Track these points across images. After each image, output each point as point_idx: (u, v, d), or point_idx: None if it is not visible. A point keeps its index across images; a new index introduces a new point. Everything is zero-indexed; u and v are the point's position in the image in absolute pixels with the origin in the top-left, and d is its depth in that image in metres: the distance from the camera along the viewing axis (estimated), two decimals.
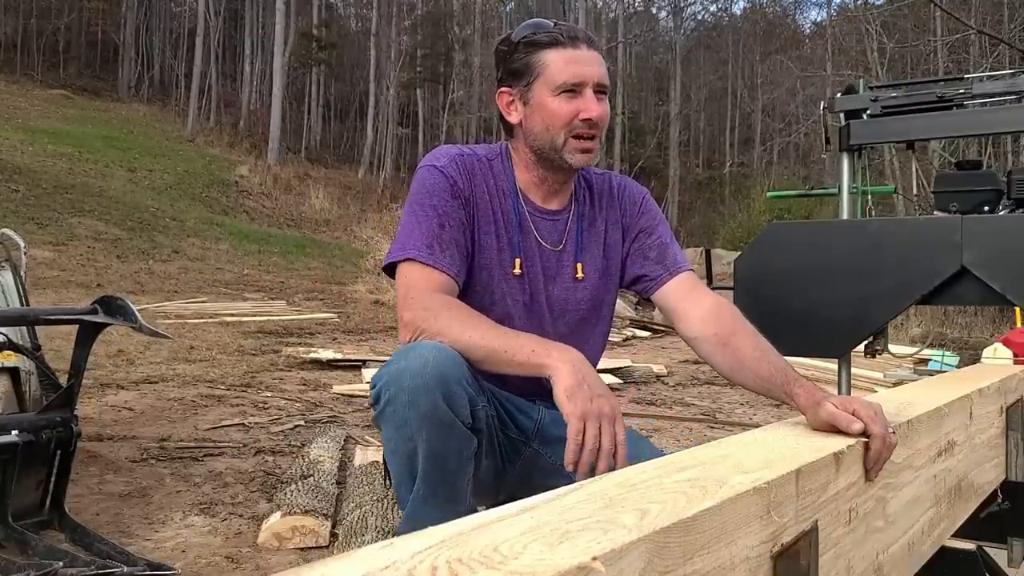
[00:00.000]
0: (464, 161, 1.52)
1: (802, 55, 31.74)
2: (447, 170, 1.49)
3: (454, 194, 1.47)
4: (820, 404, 1.09)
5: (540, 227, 1.56)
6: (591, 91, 1.46)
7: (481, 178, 1.53)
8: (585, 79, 1.46)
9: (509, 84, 1.52)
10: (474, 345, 1.29)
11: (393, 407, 1.26)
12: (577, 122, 1.46)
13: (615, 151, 32.45)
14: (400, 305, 1.39)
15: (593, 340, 1.62)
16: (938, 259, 1.97)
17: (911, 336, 9.96)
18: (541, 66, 1.47)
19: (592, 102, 1.46)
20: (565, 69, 1.45)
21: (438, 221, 1.44)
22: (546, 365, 1.23)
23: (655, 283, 1.56)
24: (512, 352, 1.28)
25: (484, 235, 1.51)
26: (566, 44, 1.47)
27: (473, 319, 1.34)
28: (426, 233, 1.43)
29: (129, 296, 3.06)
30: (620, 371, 6.36)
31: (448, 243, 1.43)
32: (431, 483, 1.29)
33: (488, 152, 1.58)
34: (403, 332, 1.36)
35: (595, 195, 1.63)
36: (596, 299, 1.60)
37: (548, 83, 1.46)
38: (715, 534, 0.66)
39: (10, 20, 32.44)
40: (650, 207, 1.65)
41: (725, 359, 1.40)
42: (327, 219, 23.11)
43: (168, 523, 2.66)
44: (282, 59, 27.37)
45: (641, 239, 1.61)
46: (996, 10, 17.74)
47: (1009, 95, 2.15)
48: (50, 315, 2.48)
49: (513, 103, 1.53)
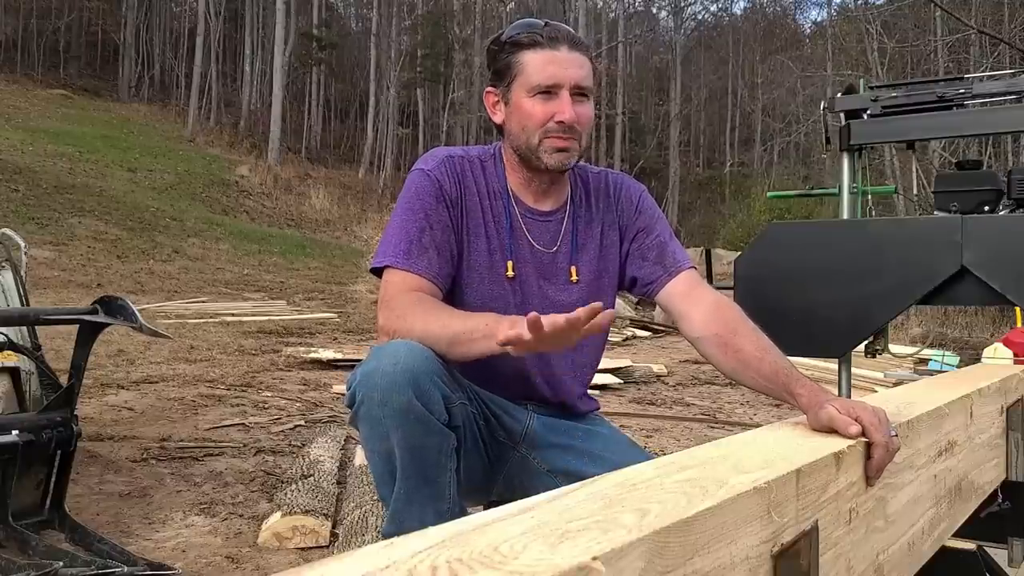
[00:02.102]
0: (454, 164, 1.52)
1: (802, 55, 31.73)
2: (434, 173, 1.49)
3: (439, 197, 1.47)
4: (822, 406, 1.09)
5: (532, 229, 1.55)
6: (567, 93, 1.45)
7: (472, 180, 1.52)
8: (560, 81, 1.45)
9: (494, 84, 1.53)
10: (437, 335, 1.29)
11: (367, 407, 1.27)
12: (552, 124, 1.45)
13: (615, 151, 32.45)
14: (377, 310, 1.40)
15: (590, 343, 1.60)
16: (938, 259, 1.97)
17: (911, 336, 9.95)
18: (520, 67, 1.47)
19: (566, 104, 1.44)
20: (541, 70, 1.45)
21: (418, 225, 1.44)
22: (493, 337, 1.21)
23: (656, 285, 1.55)
24: (470, 332, 1.27)
25: (474, 237, 1.51)
26: (545, 45, 1.46)
27: (435, 310, 1.34)
28: (405, 238, 1.43)
29: (129, 296, 3.06)
30: (620, 371, 6.36)
31: (427, 246, 1.43)
32: (411, 481, 1.29)
33: (482, 153, 1.58)
34: (379, 337, 1.38)
35: (591, 194, 1.61)
36: (591, 301, 1.58)
37: (524, 84, 1.46)
38: (715, 534, 0.66)
39: (10, 20, 32.42)
40: (647, 205, 1.63)
41: (727, 359, 1.39)
42: (327, 219, 23.09)
43: (168, 523, 2.66)
44: (282, 59, 27.35)
45: (640, 239, 1.59)
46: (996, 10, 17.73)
47: (1009, 95, 2.15)
48: (50, 315, 2.48)
49: (497, 103, 1.53)
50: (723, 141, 41.23)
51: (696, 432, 4.62)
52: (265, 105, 30.49)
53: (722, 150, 40.94)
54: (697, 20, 44.69)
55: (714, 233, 25.68)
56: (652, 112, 41.01)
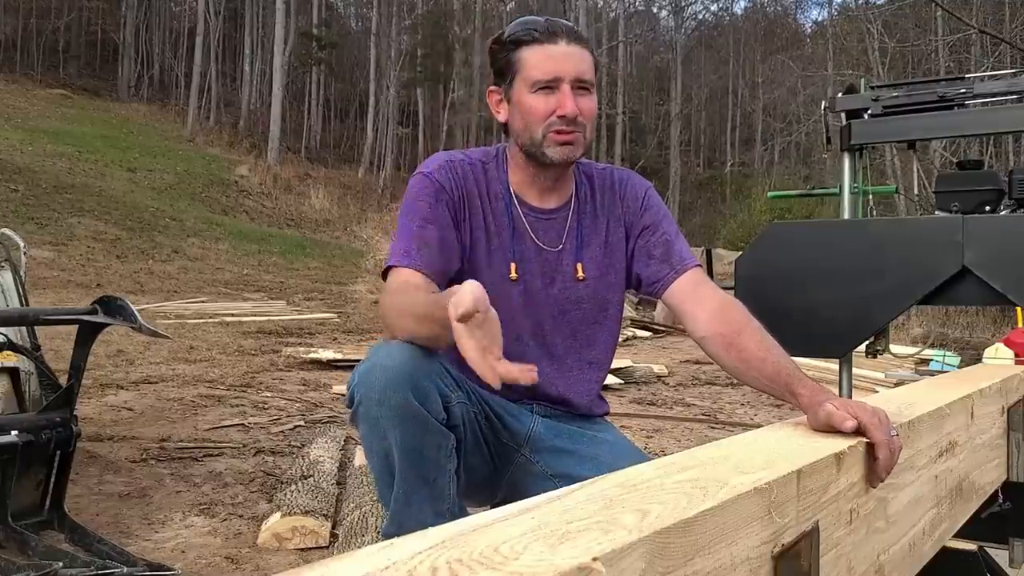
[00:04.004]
0: (454, 166, 1.52)
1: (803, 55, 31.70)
2: (434, 175, 1.49)
3: (439, 197, 1.47)
4: (821, 405, 1.09)
5: (536, 228, 1.54)
6: (568, 87, 1.45)
7: (473, 182, 1.53)
8: (560, 75, 1.44)
9: (496, 83, 1.53)
10: (415, 328, 1.28)
11: (365, 407, 1.27)
12: (554, 118, 1.45)
13: (616, 151, 32.45)
14: None
15: (600, 341, 1.60)
16: (939, 259, 1.97)
17: (912, 336, 9.95)
18: (519, 63, 1.47)
19: (568, 98, 1.44)
20: (540, 65, 1.45)
21: (419, 224, 1.45)
22: None
23: (662, 284, 1.53)
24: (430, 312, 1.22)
25: (477, 239, 1.51)
26: (544, 40, 1.45)
27: (413, 299, 1.33)
28: (405, 240, 1.44)
29: (129, 296, 3.06)
30: (621, 371, 6.36)
31: (428, 243, 1.43)
32: (410, 481, 1.29)
33: (483, 156, 1.58)
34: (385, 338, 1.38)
35: (596, 191, 1.61)
36: (599, 298, 1.57)
37: (525, 80, 1.46)
38: (716, 535, 0.66)
39: (10, 20, 32.42)
40: (653, 202, 1.62)
41: (731, 359, 1.38)
42: (327, 219, 23.10)
43: (168, 523, 2.66)
44: (282, 59, 27.35)
45: (645, 236, 1.58)
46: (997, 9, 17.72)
47: (1010, 95, 2.14)
48: (50, 315, 2.48)
49: (500, 102, 1.53)
50: (724, 141, 41.23)
51: (697, 433, 4.62)
52: (265, 105, 30.48)
53: (723, 150, 40.95)
54: (698, 19, 44.73)
55: (715, 233, 25.69)
56: (652, 112, 41.00)
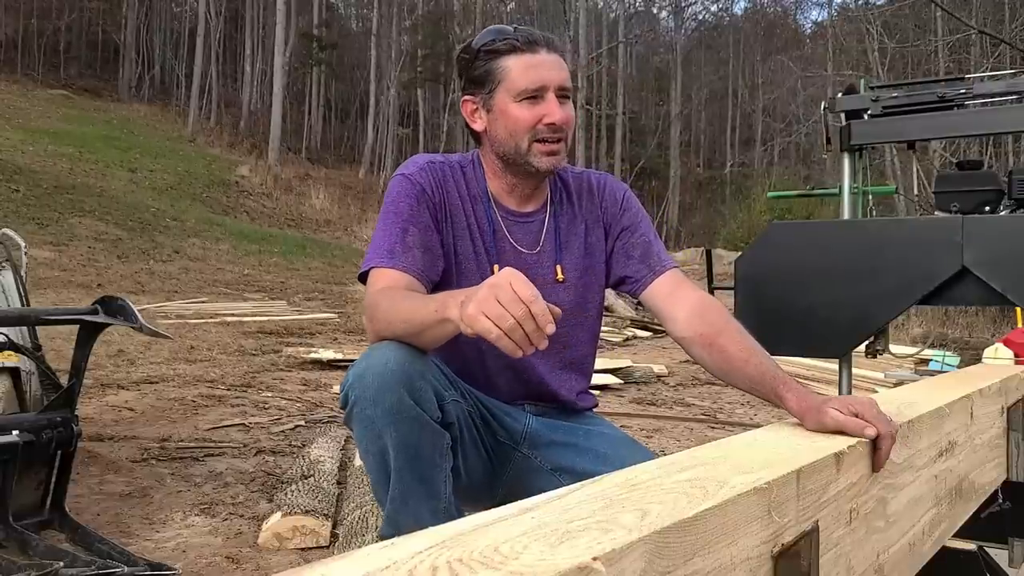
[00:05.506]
0: (434, 168, 1.53)
1: (803, 55, 31.73)
2: (414, 177, 1.49)
3: (420, 199, 1.47)
4: (821, 411, 1.08)
5: (514, 231, 1.55)
6: (553, 95, 1.46)
7: (453, 184, 1.53)
8: (546, 83, 1.45)
9: (472, 92, 1.53)
10: (406, 323, 1.28)
11: (360, 407, 1.27)
12: (541, 127, 1.46)
13: (616, 151, 32.45)
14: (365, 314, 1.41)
15: (581, 341, 1.61)
16: (939, 259, 1.97)
17: (912, 336, 9.95)
18: (501, 73, 1.47)
19: (554, 106, 1.45)
20: (525, 75, 1.45)
21: (401, 226, 1.44)
22: (448, 319, 1.19)
23: (640, 284, 1.55)
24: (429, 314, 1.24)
25: (460, 241, 1.51)
26: (524, 50, 1.46)
27: (401, 302, 1.33)
28: (388, 240, 1.43)
29: (129, 296, 3.06)
30: (620, 371, 6.36)
31: (411, 245, 1.43)
32: (406, 480, 1.29)
33: (461, 160, 1.59)
34: (369, 339, 1.38)
35: (573, 194, 1.62)
36: (579, 300, 1.58)
37: (509, 90, 1.46)
38: (716, 534, 0.66)
39: (10, 20, 32.42)
40: (632, 204, 1.63)
41: (713, 359, 1.40)
42: (327, 219, 23.09)
43: (168, 523, 2.66)
44: (282, 59, 27.34)
45: (624, 237, 1.59)
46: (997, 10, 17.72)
47: (1010, 95, 2.15)
48: (50, 315, 2.48)
49: (477, 111, 1.53)
50: (723, 141, 41.25)
51: (696, 432, 4.62)
52: (265, 105, 30.48)
53: (722, 150, 40.96)
54: (698, 20, 44.79)
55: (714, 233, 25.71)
56: (652, 112, 41.01)
